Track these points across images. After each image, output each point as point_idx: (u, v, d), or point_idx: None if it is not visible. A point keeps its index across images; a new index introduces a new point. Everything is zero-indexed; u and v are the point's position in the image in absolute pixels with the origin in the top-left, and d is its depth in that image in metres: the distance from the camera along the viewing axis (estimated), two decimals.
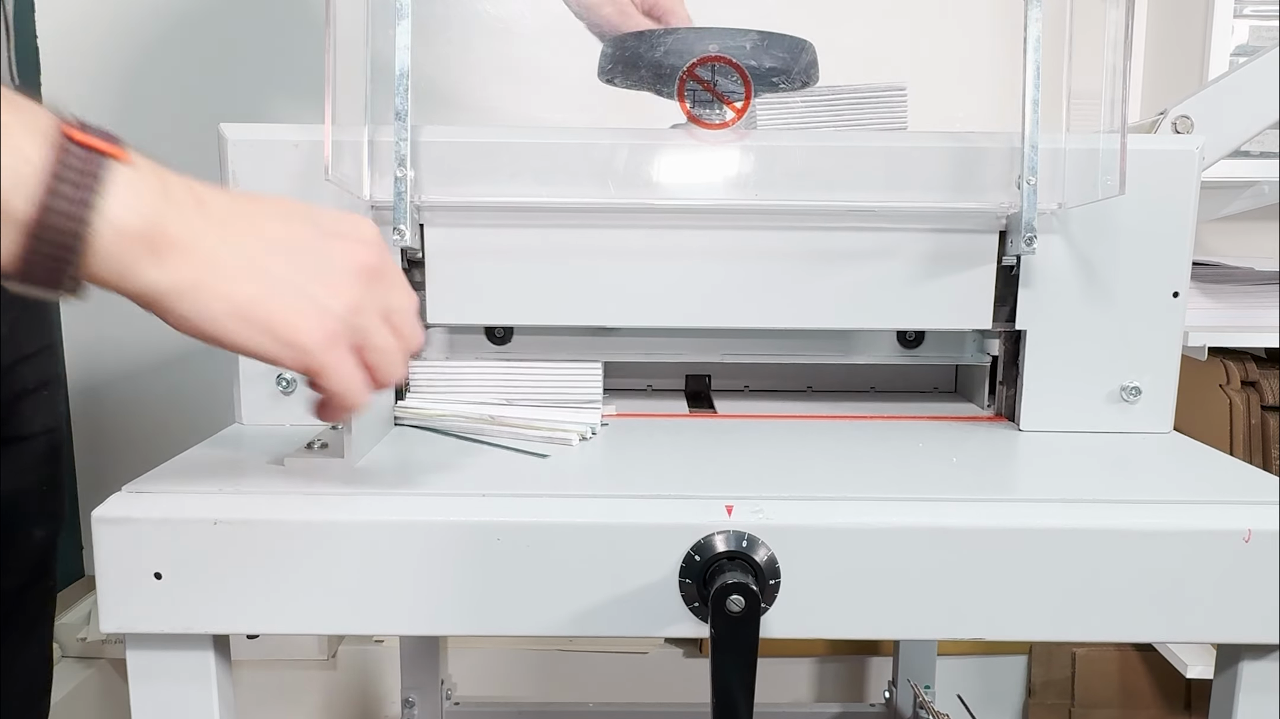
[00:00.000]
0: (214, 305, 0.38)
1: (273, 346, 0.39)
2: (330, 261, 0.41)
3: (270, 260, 0.39)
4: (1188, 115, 0.66)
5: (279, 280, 0.39)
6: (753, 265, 0.65)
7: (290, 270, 0.39)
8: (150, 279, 0.37)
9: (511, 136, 0.63)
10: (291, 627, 0.48)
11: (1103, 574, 0.47)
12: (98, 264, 0.36)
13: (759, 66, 0.66)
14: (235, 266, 0.38)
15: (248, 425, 0.65)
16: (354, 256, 0.42)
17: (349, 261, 0.41)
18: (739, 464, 0.57)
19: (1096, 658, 1.27)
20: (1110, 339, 0.64)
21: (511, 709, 1.15)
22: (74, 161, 0.35)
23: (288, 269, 0.39)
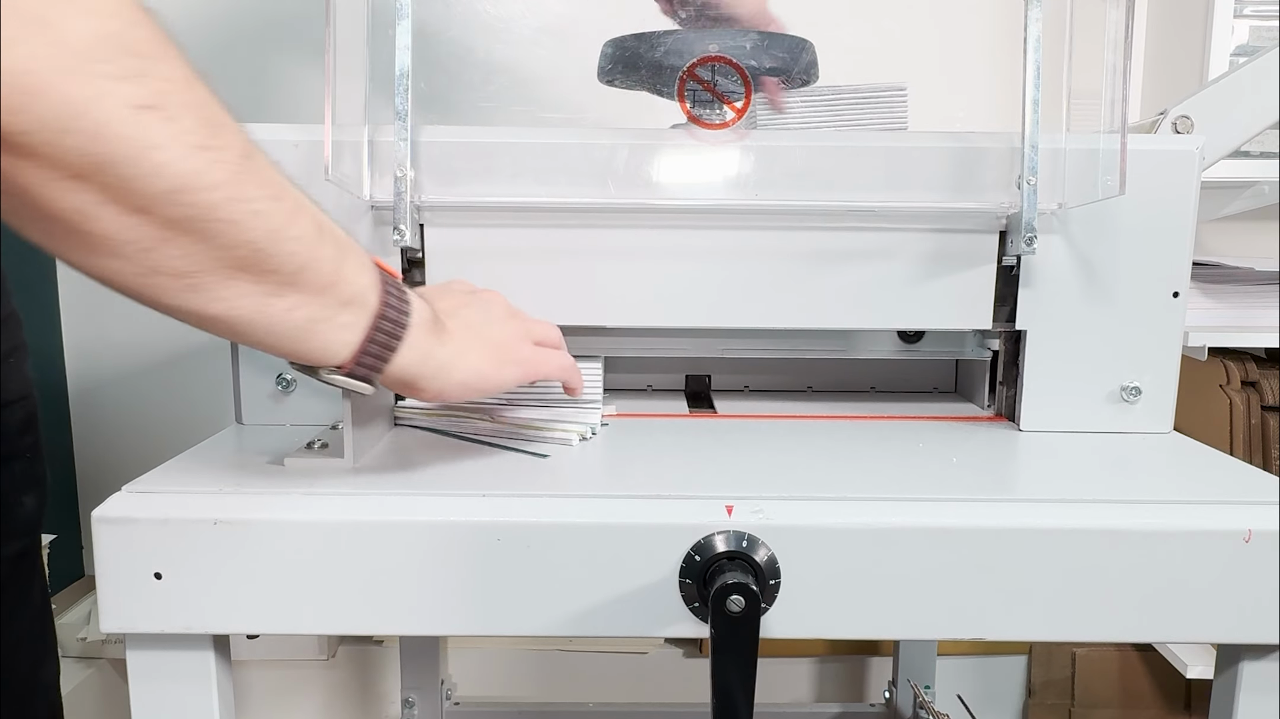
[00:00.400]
0: (474, 360, 0.53)
1: (493, 386, 0.54)
2: (514, 323, 0.57)
3: (494, 327, 0.55)
4: (1188, 115, 0.66)
5: (498, 345, 0.55)
6: (753, 265, 0.65)
7: (503, 331, 0.56)
8: (436, 351, 0.51)
9: (511, 136, 0.63)
10: (291, 627, 0.48)
11: (1103, 574, 0.47)
12: (406, 342, 0.49)
13: (759, 66, 0.66)
14: (474, 332, 0.54)
15: (248, 425, 0.65)
16: (524, 325, 0.58)
17: (522, 323, 0.58)
18: (739, 464, 0.57)
19: (1096, 658, 1.27)
20: (1110, 339, 0.64)
21: (511, 709, 1.15)
22: (392, 287, 0.49)
23: (503, 330, 0.56)
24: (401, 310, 0.48)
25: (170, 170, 0.36)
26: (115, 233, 0.37)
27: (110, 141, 0.34)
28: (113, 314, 1.26)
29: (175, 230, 0.37)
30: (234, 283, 0.40)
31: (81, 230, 0.36)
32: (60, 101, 0.33)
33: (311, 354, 0.46)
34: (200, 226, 0.38)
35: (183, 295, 0.40)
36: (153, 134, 0.35)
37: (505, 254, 0.64)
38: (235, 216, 0.39)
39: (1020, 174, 0.61)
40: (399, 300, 0.48)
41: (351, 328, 0.46)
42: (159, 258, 0.38)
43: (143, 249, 0.37)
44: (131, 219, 0.36)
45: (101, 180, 0.35)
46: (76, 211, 0.36)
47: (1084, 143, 0.62)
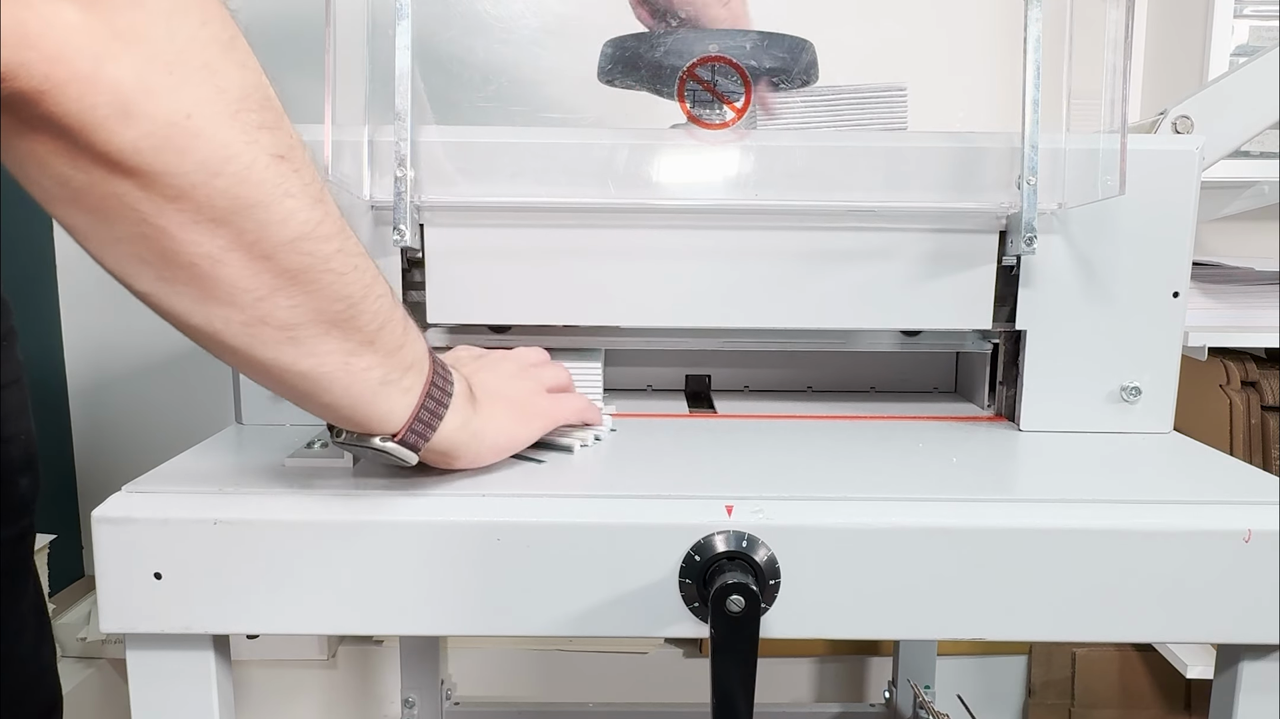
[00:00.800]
0: (502, 423, 0.54)
1: (514, 448, 0.55)
2: (531, 384, 0.58)
3: (513, 387, 0.56)
4: (1188, 115, 0.66)
5: (520, 405, 0.56)
6: (753, 265, 0.65)
7: (526, 392, 0.57)
8: (471, 417, 0.51)
9: (511, 136, 0.63)
10: (291, 627, 0.48)
11: (1103, 574, 0.47)
12: (452, 407, 0.49)
13: (759, 66, 0.66)
14: (501, 396, 0.54)
15: (248, 425, 0.65)
16: (527, 384, 0.59)
17: (536, 379, 0.59)
18: (739, 464, 0.57)
19: (1096, 658, 1.27)
20: (1110, 339, 0.64)
21: (511, 709, 1.15)
22: (435, 395, 0.49)
23: (526, 391, 0.57)
24: (447, 378, 0.49)
25: (297, 218, 0.38)
26: (236, 279, 0.38)
27: (254, 186, 0.36)
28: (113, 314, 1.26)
29: (288, 280, 0.39)
30: (327, 338, 0.42)
31: (206, 276, 0.38)
32: (218, 145, 0.34)
33: (372, 418, 0.46)
34: (311, 277, 0.40)
35: (280, 348, 0.41)
36: (288, 182, 0.37)
37: (505, 254, 0.64)
38: (341, 269, 0.41)
39: (1020, 174, 0.61)
40: (444, 368, 0.49)
41: (410, 392, 0.47)
42: (269, 307, 0.39)
43: (257, 297, 0.39)
44: (254, 265, 0.38)
45: (238, 225, 0.36)
46: (206, 256, 0.37)
47: (1084, 143, 0.62)
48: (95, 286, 1.26)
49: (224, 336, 0.41)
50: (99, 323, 1.27)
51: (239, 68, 0.36)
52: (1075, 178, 0.62)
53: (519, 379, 0.58)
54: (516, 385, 0.57)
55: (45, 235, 1.24)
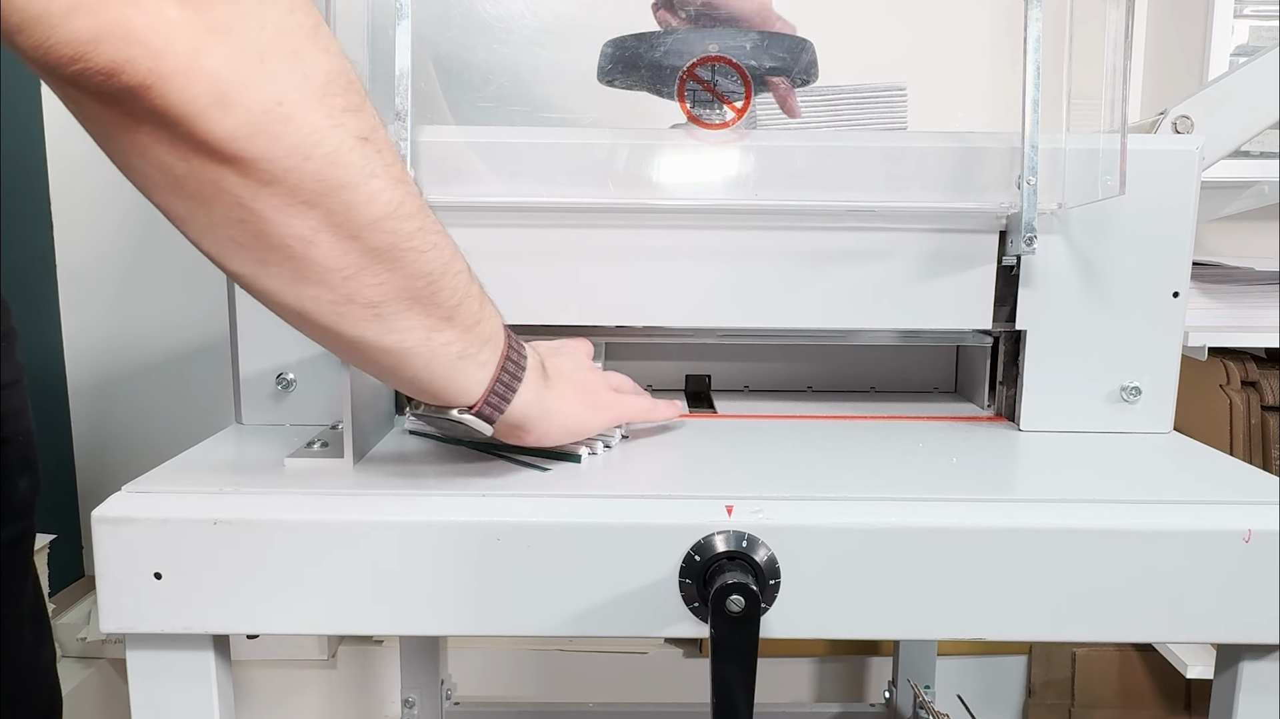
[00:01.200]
0: (571, 406, 0.55)
1: (582, 435, 0.57)
2: (599, 377, 0.60)
3: (583, 375, 0.58)
4: (1188, 115, 0.66)
5: (591, 390, 0.58)
6: (753, 265, 0.65)
7: (594, 381, 0.59)
8: (544, 395, 0.53)
9: (511, 136, 0.63)
10: (291, 627, 0.48)
11: (1103, 574, 0.47)
12: (524, 382, 0.51)
13: (759, 66, 0.66)
14: (571, 380, 0.56)
15: (248, 425, 0.65)
16: (598, 377, 0.60)
17: (585, 358, 0.61)
18: (739, 464, 0.57)
19: (1096, 658, 1.27)
20: (1110, 339, 0.64)
21: (511, 709, 1.15)
22: (510, 369, 0.50)
23: (593, 380, 0.59)
24: (521, 353, 0.51)
25: (382, 198, 0.39)
26: (326, 259, 0.40)
27: (341, 168, 0.37)
28: (113, 314, 1.26)
29: (374, 258, 0.41)
30: (410, 314, 0.44)
31: (298, 257, 0.39)
32: (308, 129, 0.36)
33: (451, 391, 0.48)
34: (395, 255, 0.41)
35: (366, 325, 0.43)
36: (372, 163, 0.39)
37: (505, 254, 0.64)
38: (422, 246, 0.42)
39: (1020, 174, 0.61)
40: (518, 343, 0.51)
41: (487, 366, 0.48)
42: (356, 285, 0.41)
43: (345, 276, 0.41)
44: (343, 245, 0.39)
45: (327, 206, 0.38)
46: (298, 238, 0.39)
47: (1084, 143, 0.62)
48: (95, 287, 1.26)
49: (314, 315, 0.42)
50: (99, 323, 1.27)
51: (324, 53, 0.37)
52: (1075, 178, 0.62)
53: (591, 370, 0.60)
54: (588, 376, 0.59)
55: (45, 235, 1.24)
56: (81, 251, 1.25)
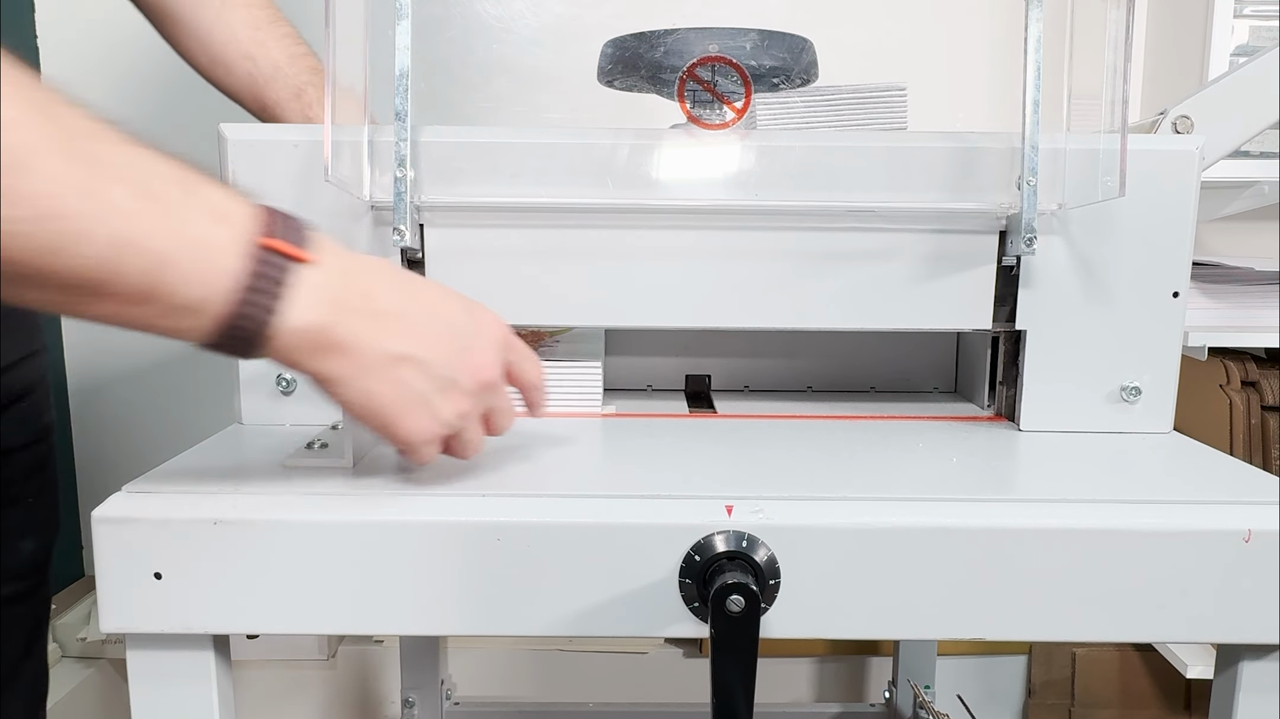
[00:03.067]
0: (354, 397, 0.46)
1: (385, 433, 0.48)
2: (458, 377, 0.48)
3: (408, 369, 0.46)
4: (1188, 115, 0.66)
5: (409, 389, 0.46)
6: (753, 265, 0.65)
7: (422, 381, 0.47)
8: (312, 368, 0.44)
9: (511, 136, 0.63)
10: (291, 627, 0.48)
11: (1103, 574, 0.47)
12: (271, 350, 0.43)
13: (759, 66, 0.66)
14: (379, 371, 0.45)
15: (248, 425, 0.65)
16: (479, 374, 0.49)
17: (474, 378, 0.49)
18: (739, 464, 0.57)
19: (1096, 658, 1.27)
20: (1110, 339, 0.64)
21: (511, 709, 1.15)
22: (268, 271, 0.41)
23: (420, 380, 0.47)
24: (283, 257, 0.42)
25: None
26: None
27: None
28: None
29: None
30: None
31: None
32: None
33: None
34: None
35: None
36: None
37: (505, 254, 0.64)
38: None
39: (1020, 174, 0.61)
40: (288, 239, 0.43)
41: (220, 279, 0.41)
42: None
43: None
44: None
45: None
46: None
47: (1084, 143, 0.62)
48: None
49: None
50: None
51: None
52: (1075, 178, 0.62)
53: (459, 333, 0.49)
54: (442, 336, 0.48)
55: None
56: None
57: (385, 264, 0.48)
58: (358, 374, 0.45)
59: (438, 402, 0.47)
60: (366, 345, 0.45)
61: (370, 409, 0.46)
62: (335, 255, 0.45)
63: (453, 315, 0.49)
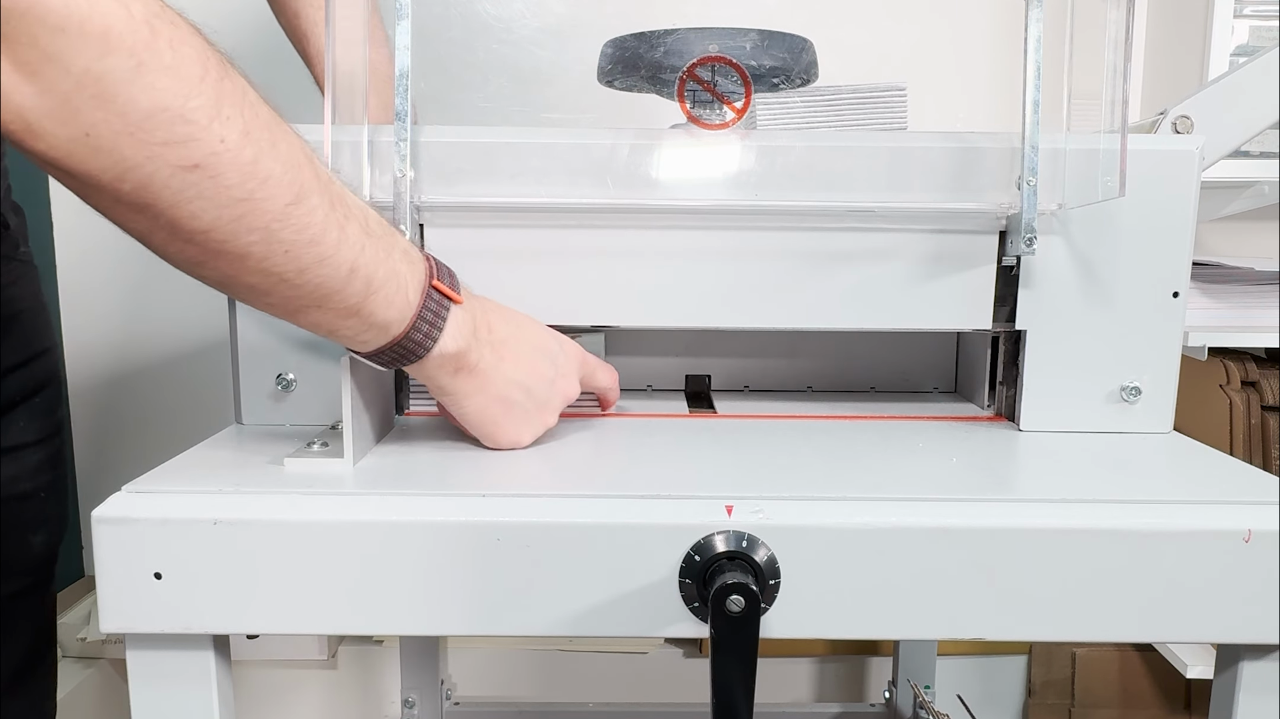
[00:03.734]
0: (472, 409, 0.57)
1: (486, 438, 0.59)
2: (551, 398, 0.59)
3: (517, 390, 0.57)
4: (1188, 115, 0.66)
5: (515, 407, 0.58)
6: (753, 265, 0.65)
7: (525, 401, 0.58)
8: (446, 383, 0.56)
9: (511, 136, 0.63)
10: (291, 627, 0.48)
11: (1103, 574, 0.47)
12: (420, 365, 0.54)
13: (759, 66, 0.66)
14: (497, 389, 0.57)
15: (248, 425, 0.65)
16: (567, 395, 0.61)
17: (563, 399, 0.60)
18: (739, 464, 0.57)
19: (1096, 658, 1.27)
20: (1110, 339, 0.64)
21: (511, 709, 1.15)
22: (432, 306, 0.52)
23: (525, 400, 0.58)
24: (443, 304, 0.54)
25: (206, 216, 0.42)
26: (165, 250, 0.45)
27: (157, 191, 0.41)
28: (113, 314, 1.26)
29: (214, 254, 0.44)
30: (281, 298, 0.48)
31: (147, 243, 0.45)
32: (118, 157, 0.39)
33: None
34: (233, 252, 0.45)
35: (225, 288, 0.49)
36: (197, 187, 0.41)
37: (505, 254, 0.64)
38: (265, 253, 0.45)
39: (1020, 174, 0.61)
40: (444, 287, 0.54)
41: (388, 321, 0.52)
42: (205, 273, 0.46)
43: (194, 264, 0.45)
44: (177, 244, 0.44)
45: (151, 214, 0.42)
46: (137, 232, 0.44)
47: (1084, 143, 0.62)
48: (95, 287, 1.26)
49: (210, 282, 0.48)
50: (99, 323, 1.27)
51: (147, 91, 0.39)
52: (1075, 178, 0.62)
53: (544, 362, 0.60)
54: (536, 364, 0.59)
55: (45, 235, 1.24)
56: (81, 252, 1.25)
57: (493, 301, 0.59)
58: (478, 390, 0.56)
59: (535, 419, 0.59)
60: (491, 369, 0.56)
61: (484, 419, 0.57)
62: (469, 296, 0.56)
63: (548, 346, 0.59)
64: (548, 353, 0.59)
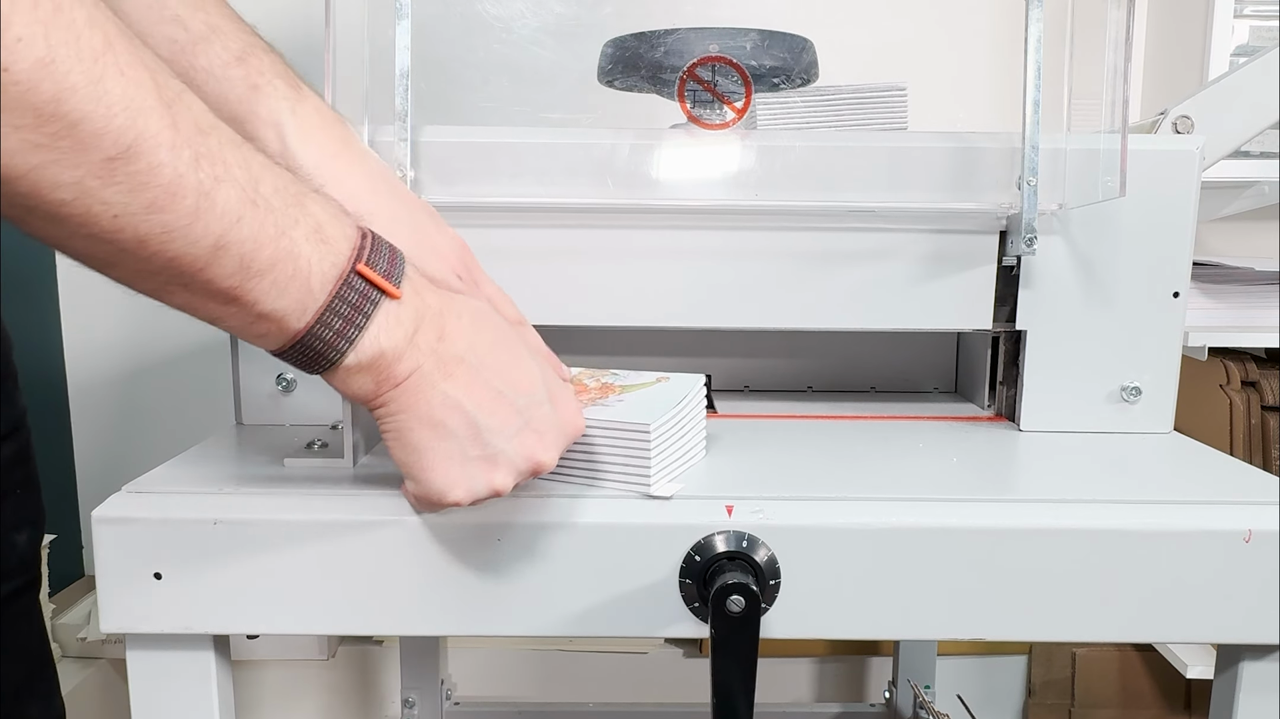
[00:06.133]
0: (392, 429, 0.44)
1: (408, 477, 0.45)
2: (509, 450, 0.45)
3: (456, 416, 0.43)
4: (1188, 115, 0.66)
5: (449, 441, 0.44)
6: (753, 265, 0.65)
7: (466, 438, 0.44)
8: (364, 392, 0.43)
9: (511, 136, 0.63)
10: (291, 627, 0.48)
11: (1103, 574, 0.47)
12: (333, 374, 0.42)
13: (759, 66, 0.66)
14: (427, 408, 0.43)
15: (248, 425, 0.65)
16: (533, 458, 0.45)
17: (523, 455, 0.45)
18: (739, 464, 0.57)
19: (1096, 658, 1.27)
20: (1110, 339, 0.64)
21: (511, 709, 1.15)
22: (350, 295, 0.40)
23: (465, 435, 0.44)
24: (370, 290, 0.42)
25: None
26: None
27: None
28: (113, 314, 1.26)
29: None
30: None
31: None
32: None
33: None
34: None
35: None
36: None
37: (505, 254, 0.64)
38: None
39: (1020, 174, 0.61)
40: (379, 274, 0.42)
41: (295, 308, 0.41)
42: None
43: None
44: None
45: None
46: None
47: (1084, 143, 0.62)
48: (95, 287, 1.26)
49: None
50: (99, 323, 1.27)
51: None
52: (1075, 178, 0.62)
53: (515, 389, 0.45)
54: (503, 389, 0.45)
55: None
56: None
57: (480, 312, 0.45)
58: (403, 413, 0.43)
59: (474, 467, 0.44)
60: (422, 380, 0.43)
61: (404, 444, 0.44)
62: (421, 293, 0.43)
63: (530, 387, 0.45)
64: (523, 392, 0.45)
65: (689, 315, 0.65)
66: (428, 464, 0.44)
